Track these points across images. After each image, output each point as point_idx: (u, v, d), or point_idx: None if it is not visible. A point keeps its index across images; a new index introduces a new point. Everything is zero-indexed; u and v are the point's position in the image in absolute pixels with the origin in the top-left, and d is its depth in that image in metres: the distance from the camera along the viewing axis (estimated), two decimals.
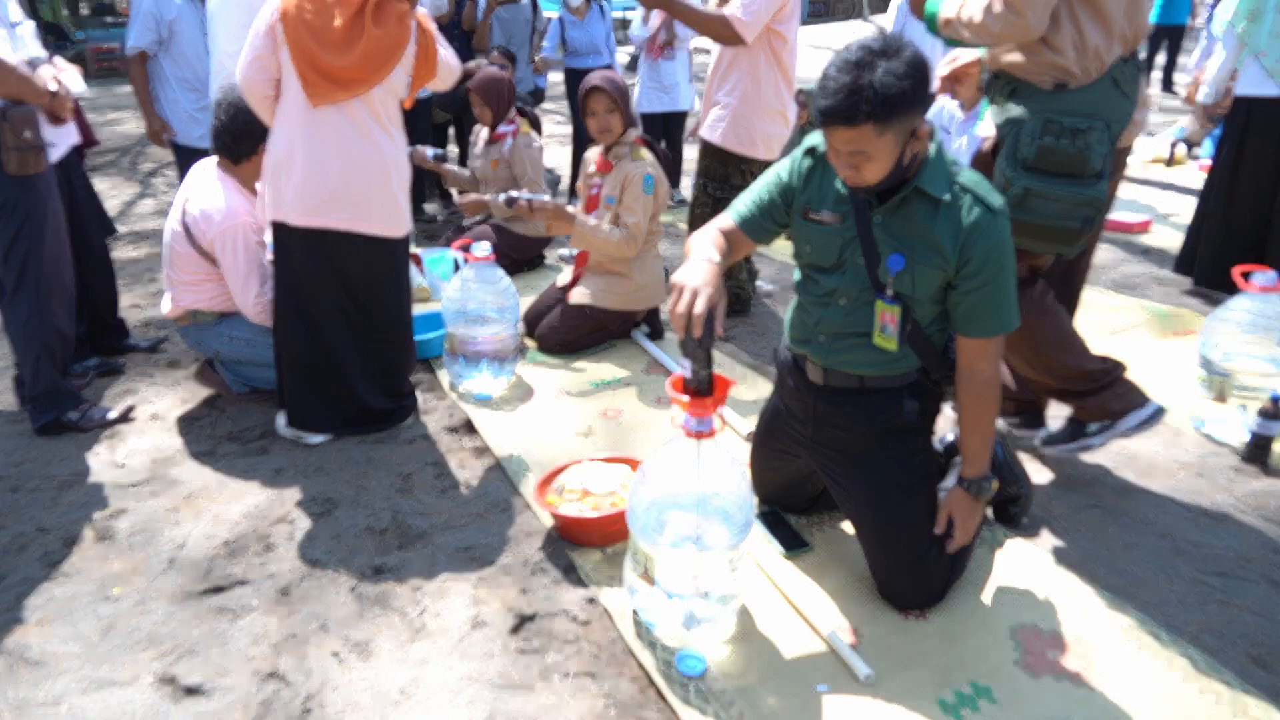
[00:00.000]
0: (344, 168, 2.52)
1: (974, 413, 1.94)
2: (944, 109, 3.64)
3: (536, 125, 4.47)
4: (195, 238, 2.86)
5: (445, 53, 2.71)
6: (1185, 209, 5.49)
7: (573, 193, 5.71)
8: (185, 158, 4.01)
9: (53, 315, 2.78)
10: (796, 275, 2.11)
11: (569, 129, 6.13)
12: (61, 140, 3.05)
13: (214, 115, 2.91)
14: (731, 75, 3.47)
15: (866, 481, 2.02)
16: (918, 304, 1.91)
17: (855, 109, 1.68)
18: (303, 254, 2.61)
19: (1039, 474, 2.56)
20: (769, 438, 2.28)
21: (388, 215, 2.64)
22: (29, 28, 3.00)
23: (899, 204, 1.87)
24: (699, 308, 1.71)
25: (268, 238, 2.77)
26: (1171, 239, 4.82)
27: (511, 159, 4.23)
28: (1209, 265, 3.97)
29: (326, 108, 2.48)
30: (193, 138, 4.01)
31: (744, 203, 2.09)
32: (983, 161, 2.42)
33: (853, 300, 1.96)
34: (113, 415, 2.94)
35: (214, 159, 2.98)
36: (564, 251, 4.77)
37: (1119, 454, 2.66)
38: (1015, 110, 2.21)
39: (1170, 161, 6.64)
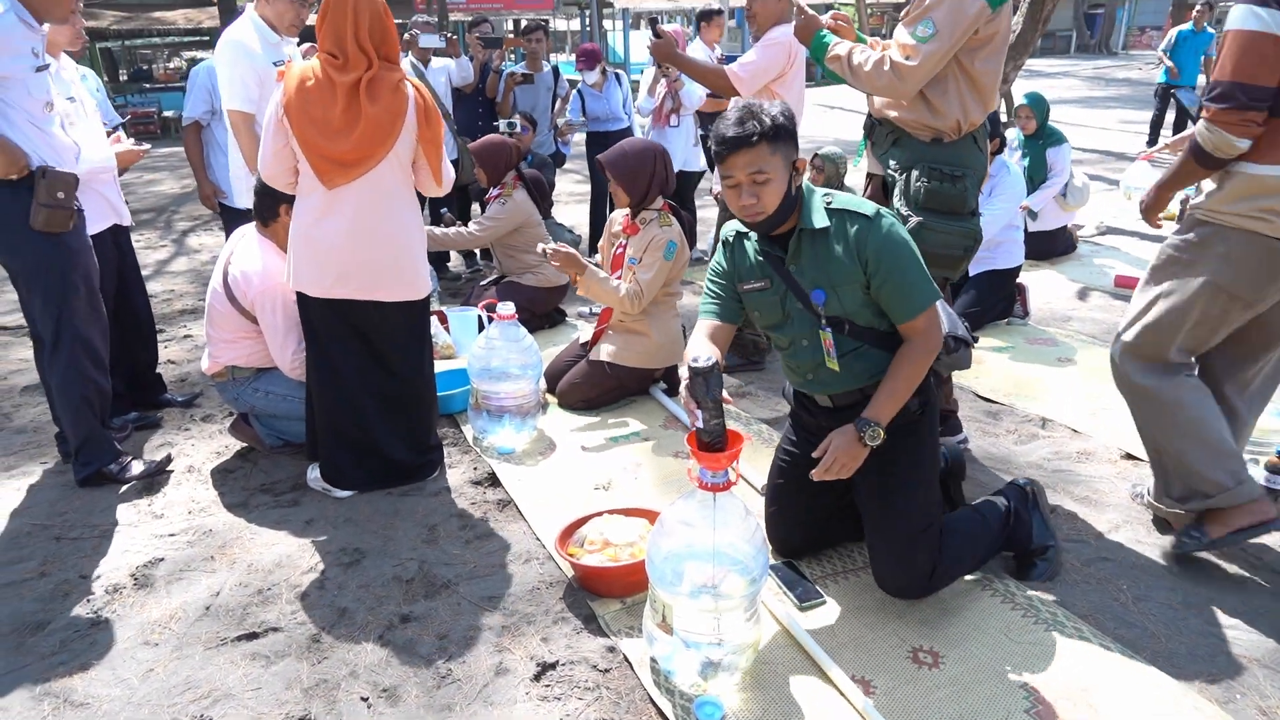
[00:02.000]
0: (359, 244, 2.64)
1: (900, 363, 2.13)
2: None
3: (537, 189, 4.63)
4: (236, 297, 3.00)
5: (446, 166, 2.78)
6: None
7: (593, 249, 5.88)
8: (232, 219, 4.21)
9: (89, 370, 2.90)
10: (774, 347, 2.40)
11: (588, 187, 6.34)
12: (110, 216, 3.24)
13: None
14: None
15: (879, 474, 2.20)
16: (859, 315, 2.16)
17: (751, 131, 2.02)
18: (324, 320, 2.74)
19: (1054, 525, 2.60)
20: (784, 481, 2.41)
21: (404, 281, 2.76)
22: (91, 105, 3.20)
23: (797, 248, 2.15)
24: (703, 362, 1.85)
25: None
26: None
27: (487, 215, 4.44)
28: None
29: (341, 188, 2.60)
30: (241, 201, 4.20)
31: (705, 301, 2.34)
32: (874, 198, 2.88)
33: (811, 339, 2.22)
34: (150, 467, 3.05)
35: (254, 223, 3.14)
36: (583, 309, 4.91)
37: (1131, 508, 2.71)
38: (899, 157, 2.68)
39: (1181, 218, 6.72)
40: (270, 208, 3.01)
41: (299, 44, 3.59)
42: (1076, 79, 21.78)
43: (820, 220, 2.11)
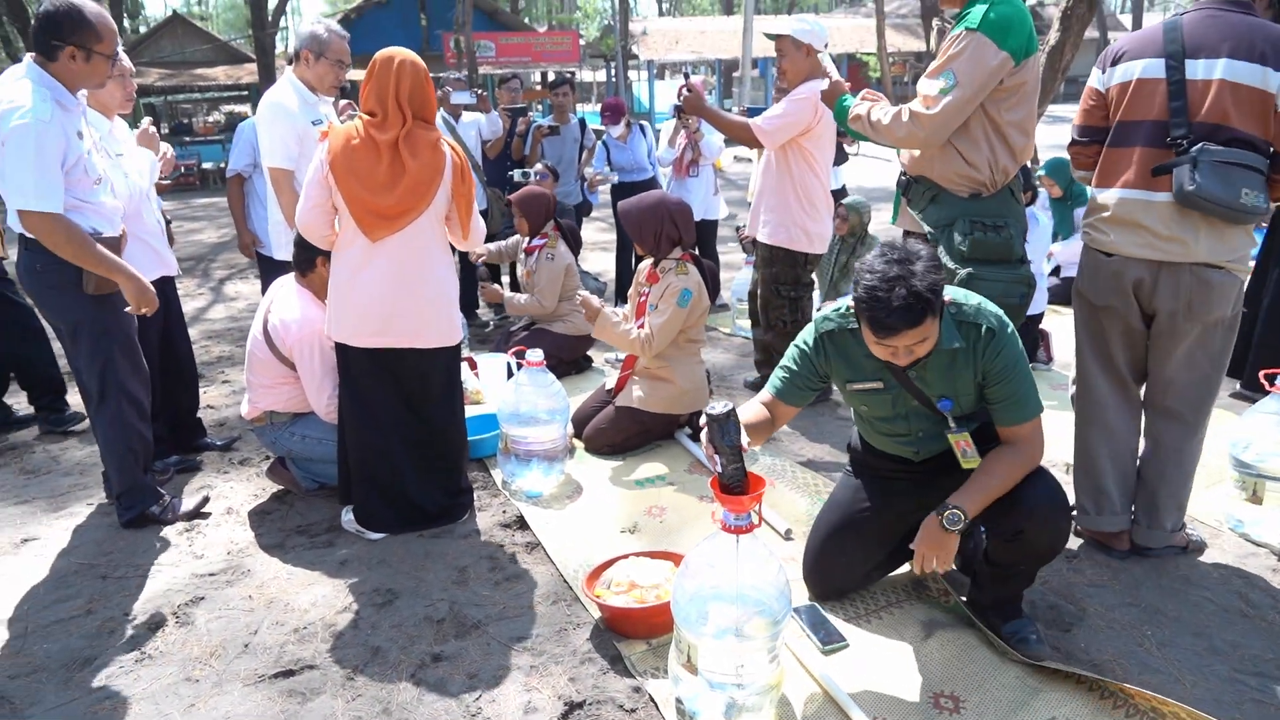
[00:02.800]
0: (399, 293, 2.76)
1: (999, 464, 2.14)
2: None
3: (572, 238, 4.80)
4: (275, 344, 3.13)
5: (476, 222, 2.92)
6: None
7: (621, 298, 6.00)
8: (268, 268, 4.38)
9: (134, 420, 3.02)
10: (859, 426, 2.47)
11: (613, 235, 6.48)
12: (158, 268, 3.39)
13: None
14: (782, 187, 3.84)
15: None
16: (980, 410, 2.23)
17: (921, 313, 1.97)
18: (363, 369, 2.85)
19: (1075, 573, 2.62)
20: (844, 531, 2.44)
21: (440, 329, 2.87)
22: (142, 157, 3.37)
23: (925, 361, 2.14)
24: (719, 410, 1.92)
25: None
26: None
27: (536, 269, 4.59)
28: (1242, 366, 4.06)
29: (383, 240, 2.73)
30: (279, 253, 4.38)
31: (779, 377, 2.36)
32: None
33: (927, 432, 2.28)
34: (190, 508, 3.15)
35: (293, 274, 3.28)
36: (610, 355, 5.00)
37: (1156, 555, 2.70)
38: (938, 214, 2.72)
39: None
40: (309, 260, 3.15)
41: (335, 102, 3.78)
42: None
43: (953, 341, 2.11)
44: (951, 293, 2.17)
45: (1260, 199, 2.31)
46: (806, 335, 2.33)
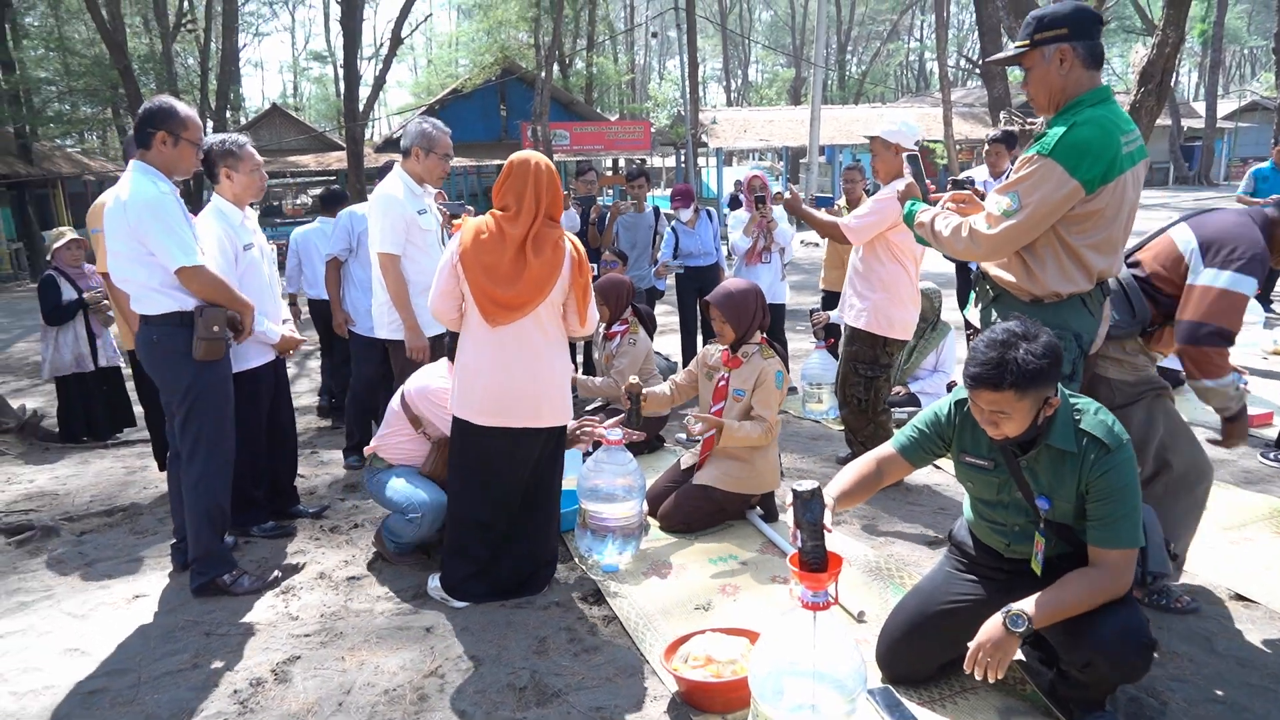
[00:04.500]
0: (521, 376, 2.95)
1: (1079, 583, 2.13)
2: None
3: (649, 323, 4.99)
4: (409, 404, 3.44)
5: (591, 309, 3.12)
6: None
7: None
8: (359, 345, 4.65)
9: (216, 484, 3.21)
10: (968, 501, 2.51)
11: (676, 317, 6.67)
12: (270, 351, 3.68)
13: None
14: (868, 276, 4.06)
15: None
16: (1078, 525, 2.23)
17: (1001, 378, 2.06)
18: (479, 444, 3.02)
19: (1157, 665, 2.58)
20: (934, 618, 2.46)
21: (556, 409, 3.06)
22: (270, 253, 3.70)
23: (1037, 455, 2.21)
24: (804, 488, 2.03)
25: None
26: None
27: (617, 354, 4.77)
28: None
29: (503, 327, 2.94)
30: (366, 329, 4.66)
31: (905, 434, 2.46)
32: None
33: (1023, 528, 2.32)
34: (259, 584, 3.26)
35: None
36: (681, 436, 5.12)
37: (1243, 651, 2.66)
38: (995, 315, 2.66)
39: None
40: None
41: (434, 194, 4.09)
42: (1176, 210, 21.52)
43: (1067, 443, 2.15)
44: (1080, 401, 2.22)
45: (1119, 325, 2.79)
46: (945, 400, 2.44)
